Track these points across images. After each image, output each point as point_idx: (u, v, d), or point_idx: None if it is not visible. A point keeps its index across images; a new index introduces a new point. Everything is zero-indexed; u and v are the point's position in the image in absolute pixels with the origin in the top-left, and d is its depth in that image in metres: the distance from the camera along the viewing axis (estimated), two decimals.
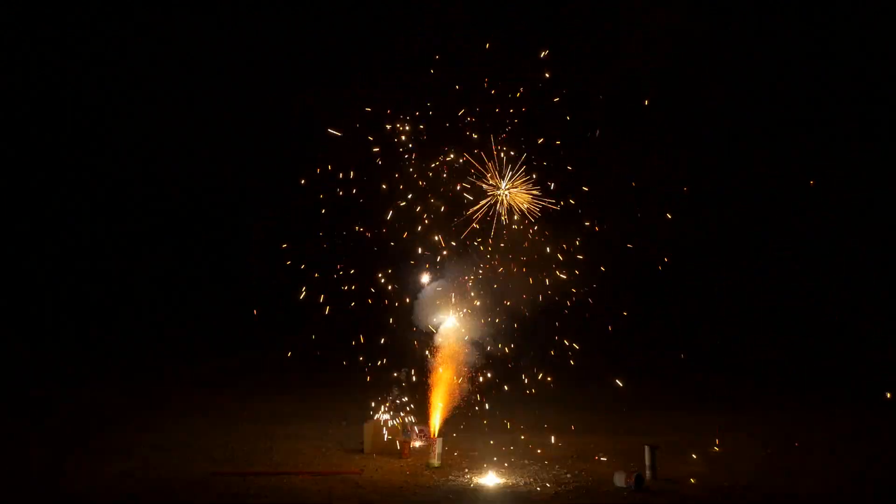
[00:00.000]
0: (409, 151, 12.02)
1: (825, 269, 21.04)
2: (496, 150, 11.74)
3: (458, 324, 11.78)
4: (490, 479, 10.31)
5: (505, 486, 10.08)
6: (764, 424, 13.55)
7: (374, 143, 12.15)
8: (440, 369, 11.59)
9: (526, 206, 11.72)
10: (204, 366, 18.02)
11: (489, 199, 11.70)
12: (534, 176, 11.79)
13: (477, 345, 11.73)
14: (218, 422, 13.44)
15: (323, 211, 12.56)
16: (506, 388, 12.57)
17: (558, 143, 12.24)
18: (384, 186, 12.04)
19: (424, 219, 11.98)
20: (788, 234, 21.18)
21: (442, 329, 11.82)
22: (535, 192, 11.75)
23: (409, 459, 11.25)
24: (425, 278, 11.86)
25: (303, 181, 12.57)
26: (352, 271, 12.29)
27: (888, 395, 14.72)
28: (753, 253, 21.50)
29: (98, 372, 17.62)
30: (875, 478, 10.31)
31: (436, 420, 11.45)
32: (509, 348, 12.01)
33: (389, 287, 12.12)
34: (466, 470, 10.87)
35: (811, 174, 19.57)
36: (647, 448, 10.42)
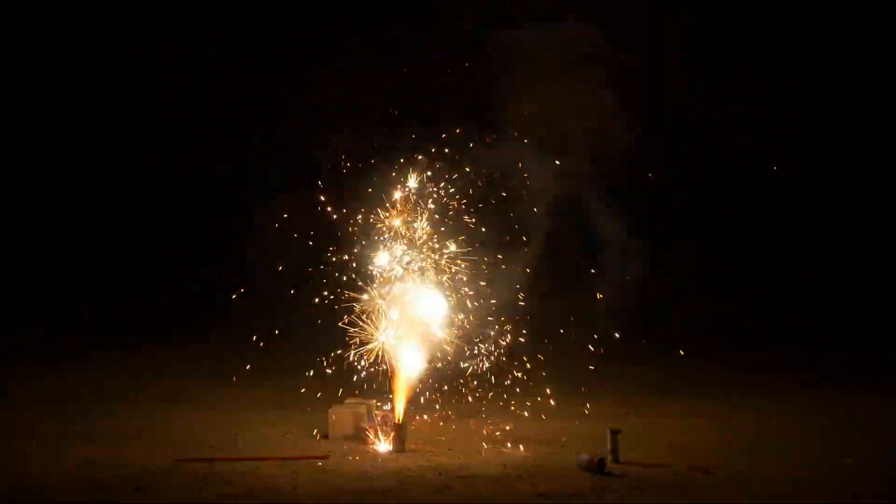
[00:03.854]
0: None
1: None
2: None
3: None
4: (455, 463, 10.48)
5: (469, 469, 10.24)
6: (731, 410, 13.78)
7: None
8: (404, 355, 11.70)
9: None
10: (165, 352, 18.04)
11: None
12: None
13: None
14: (181, 408, 13.51)
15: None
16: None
17: None
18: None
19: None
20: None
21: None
22: None
23: (374, 444, 11.38)
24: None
25: None
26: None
27: None
28: None
29: (57, 358, 17.58)
30: (833, 464, 10.51)
31: (400, 406, 11.55)
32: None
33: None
34: (430, 450, 11.15)
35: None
36: (608, 432, 10.63)
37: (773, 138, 19.69)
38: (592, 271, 14.64)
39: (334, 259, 11.97)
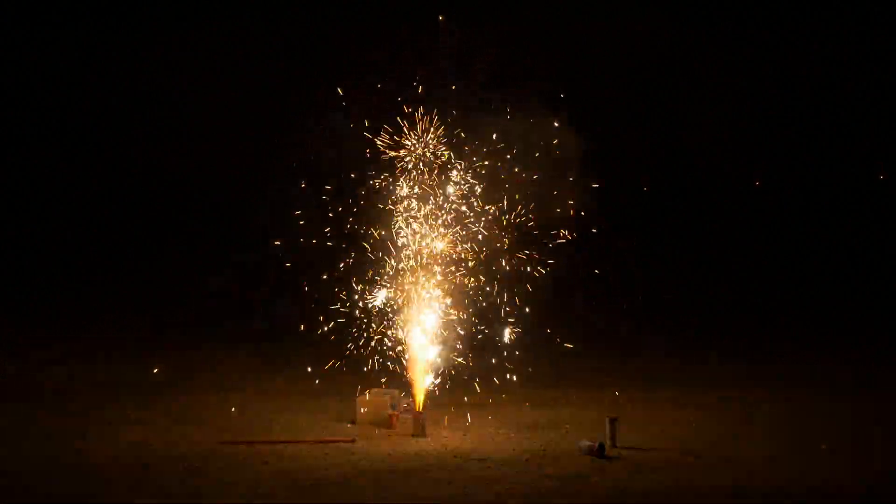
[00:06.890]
0: None
1: None
2: None
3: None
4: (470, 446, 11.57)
5: (482, 453, 11.26)
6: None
7: None
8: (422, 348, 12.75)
9: None
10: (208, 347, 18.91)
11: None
12: None
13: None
14: (223, 396, 14.42)
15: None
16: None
17: None
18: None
19: None
20: None
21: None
22: None
23: (397, 430, 12.39)
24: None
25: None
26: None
27: None
28: None
29: (108, 348, 18.59)
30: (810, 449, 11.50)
31: (420, 396, 12.62)
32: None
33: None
34: (446, 436, 12.17)
35: None
36: (607, 420, 11.65)
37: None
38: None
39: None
